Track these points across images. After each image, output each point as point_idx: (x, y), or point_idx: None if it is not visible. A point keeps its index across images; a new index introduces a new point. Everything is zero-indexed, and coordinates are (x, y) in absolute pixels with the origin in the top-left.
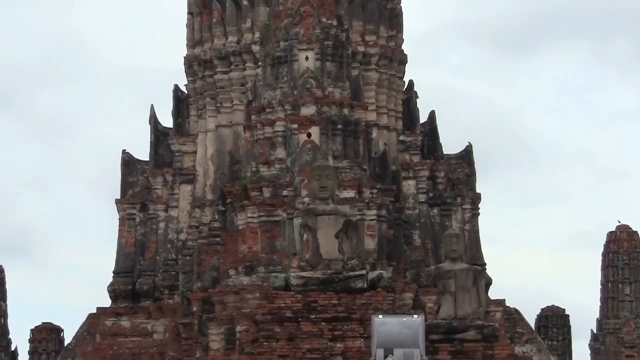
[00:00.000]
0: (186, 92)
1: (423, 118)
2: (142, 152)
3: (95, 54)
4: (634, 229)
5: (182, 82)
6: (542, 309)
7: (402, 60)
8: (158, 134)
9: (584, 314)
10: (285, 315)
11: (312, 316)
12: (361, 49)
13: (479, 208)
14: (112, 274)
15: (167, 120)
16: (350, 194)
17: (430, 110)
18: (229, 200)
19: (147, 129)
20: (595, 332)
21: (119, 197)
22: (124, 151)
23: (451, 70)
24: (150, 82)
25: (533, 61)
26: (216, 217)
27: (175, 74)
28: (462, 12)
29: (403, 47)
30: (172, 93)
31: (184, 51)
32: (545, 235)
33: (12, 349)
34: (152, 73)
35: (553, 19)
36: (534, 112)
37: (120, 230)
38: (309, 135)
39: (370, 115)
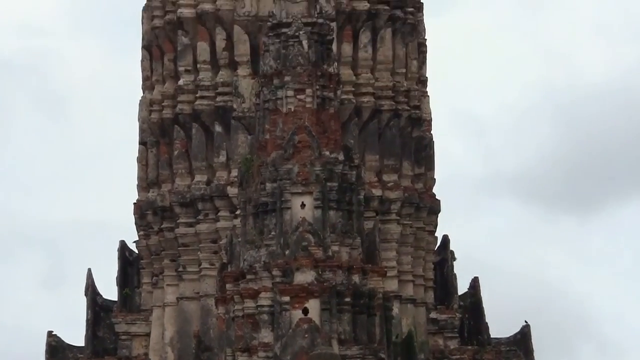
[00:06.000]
0: (136, 251)
1: (463, 288)
2: (75, 334)
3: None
4: None
5: (131, 237)
6: None
7: (434, 208)
8: (97, 309)
9: None
10: None
11: None
12: (377, 192)
13: None
14: None
15: (109, 290)
16: None
17: (472, 277)
18: None
19: (82, 302)
20: None
21: None
22: (49, 333)
23: (500, 226)
24: (85, 238)
25: (606, 222)
26: None
27: (121, 228)
28: (513, 156)
29: (435, 191)
30: (116, 253)
31: (133, 196)
32: None
33: None
34: (89, 226)
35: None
36: (606, 291)
37: None
38: (305, 311)
39: (390, 283)
